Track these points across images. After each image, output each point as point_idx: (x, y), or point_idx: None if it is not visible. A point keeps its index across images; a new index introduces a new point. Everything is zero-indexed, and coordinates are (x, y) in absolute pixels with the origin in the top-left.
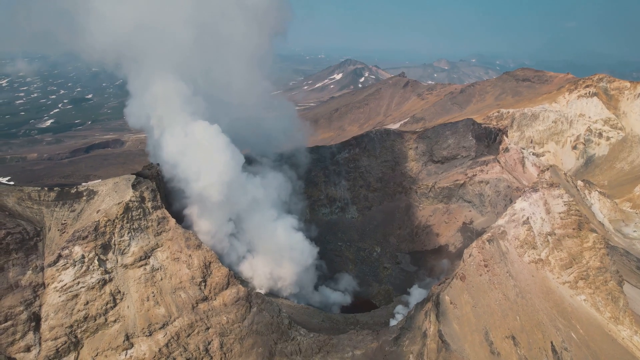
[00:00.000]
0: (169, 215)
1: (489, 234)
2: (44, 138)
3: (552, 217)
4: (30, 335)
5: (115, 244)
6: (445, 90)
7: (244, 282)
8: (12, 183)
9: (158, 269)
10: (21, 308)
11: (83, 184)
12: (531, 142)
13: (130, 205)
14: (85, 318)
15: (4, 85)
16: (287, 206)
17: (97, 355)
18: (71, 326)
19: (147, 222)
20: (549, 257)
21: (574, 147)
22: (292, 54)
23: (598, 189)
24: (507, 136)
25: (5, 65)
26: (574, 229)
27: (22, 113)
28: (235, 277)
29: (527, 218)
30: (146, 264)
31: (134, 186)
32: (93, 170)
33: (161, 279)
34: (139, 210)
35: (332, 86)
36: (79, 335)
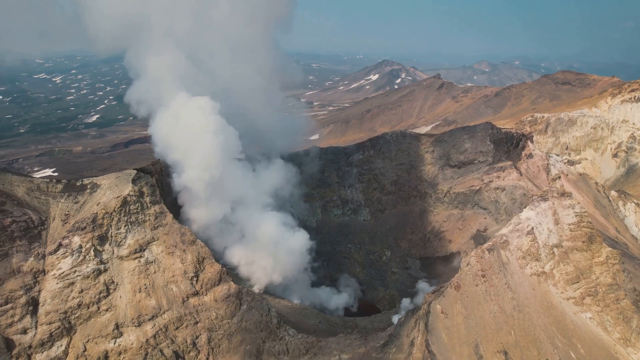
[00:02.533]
0: (166, 210)
1: (490, 242)
2: (89, 132)
3: (560, 229)
4: (28, 318)
5: (112, 236)
6: (481, 92)
7: (236, 278)
8: (56, 174)
9: (152, 262)
10: (21, 292)
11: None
12: (566, 148)
13: (128, 199)
14: (79, 305)
15: (57, 82)
16: (288, 204)
17: (88, 341)
18: (65, 312)
19: (145, 216)
20: (554, 270)
21: (615, 155)
22: (330, 54)
23: (635, 200)
24: (532, 142)
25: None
26: (583, 241)
27: (72, 108)
28: (228, 273)
29: (532, 228)
30: (141, 257)
31: (133, 181)
32: (129, 164)
33: (154, 272)
34: (137, 205)
35: (367, 87)
36: (72, 322)
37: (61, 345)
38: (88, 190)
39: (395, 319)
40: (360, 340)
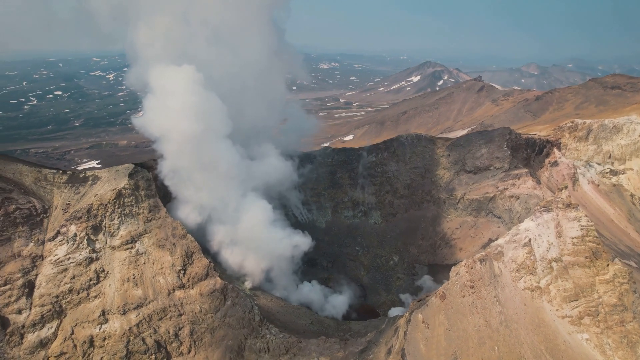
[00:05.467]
0: (161, 204)
1: (484, 253)
2: (135, 127)
3: (562, 242)
4: (23, 299)
5: (105, 227)
6: (522, 96)
7: (225, 276)
8: (99, 166)
9: (143, 253)
10: (19, 275)
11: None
12: (609, 157)
13: (123, 192)
14: (70, 291)
15: (110, 79)
16: (296, 202)
17: (76, 325)
18: (57, 296)
19: (139, 209)
20: (550, 286)
21: None
22: (373, 55)
23: None
24: (558, 149)
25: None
26: (586, 257)
27: (122, 104)
28: (215, 269)
29: (529, 240)
30: (132, 248)
31: (130, 175)
32: None
33: (144, 263)
34: (132, 197)
35: (408, 88)
36: (63, 306)
37: (51, 327)
38: (89, 182)
39: (393, 312)
40: (340, 344)
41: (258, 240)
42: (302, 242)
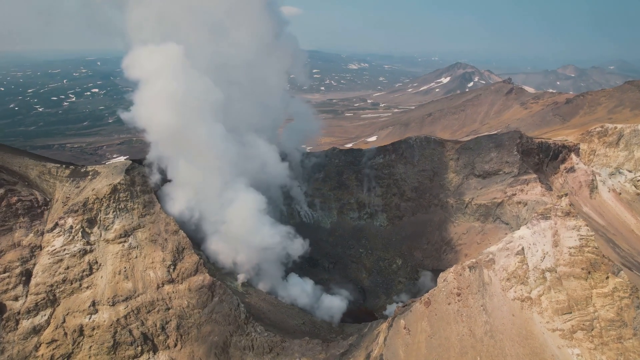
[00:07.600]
0: (156, 200)
1: (474, 260)
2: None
3: (558, 252)
4: (20, 287)
5: (100, 220)
6: (552, 99)
7: (220, 273)
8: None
9: (135, 247)
10: (17, 263)
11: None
12: None
13: (119, 187)
14: (64, 281)
15: None
16: (301, 201)
17: (67, 314)
18: (51, 285)
19: (134, 204)
20: (542, 297)
21: None
22: (404, 56)
23: None
24: (577, 154)
25: None
26: (583, 268)
27: None
28: (205, 265)
29: (522, 248)
30: (125, 242)
31: (127, 171)
32: None
33: (136, 257)
34: (127, 193)
35: (437, 90)
36: (57, 295)
37: (45, 315)
38: (89, 177)
39: (391, 310)
40: (322, 346)
41: (247, 237)
42: (294, 245)
